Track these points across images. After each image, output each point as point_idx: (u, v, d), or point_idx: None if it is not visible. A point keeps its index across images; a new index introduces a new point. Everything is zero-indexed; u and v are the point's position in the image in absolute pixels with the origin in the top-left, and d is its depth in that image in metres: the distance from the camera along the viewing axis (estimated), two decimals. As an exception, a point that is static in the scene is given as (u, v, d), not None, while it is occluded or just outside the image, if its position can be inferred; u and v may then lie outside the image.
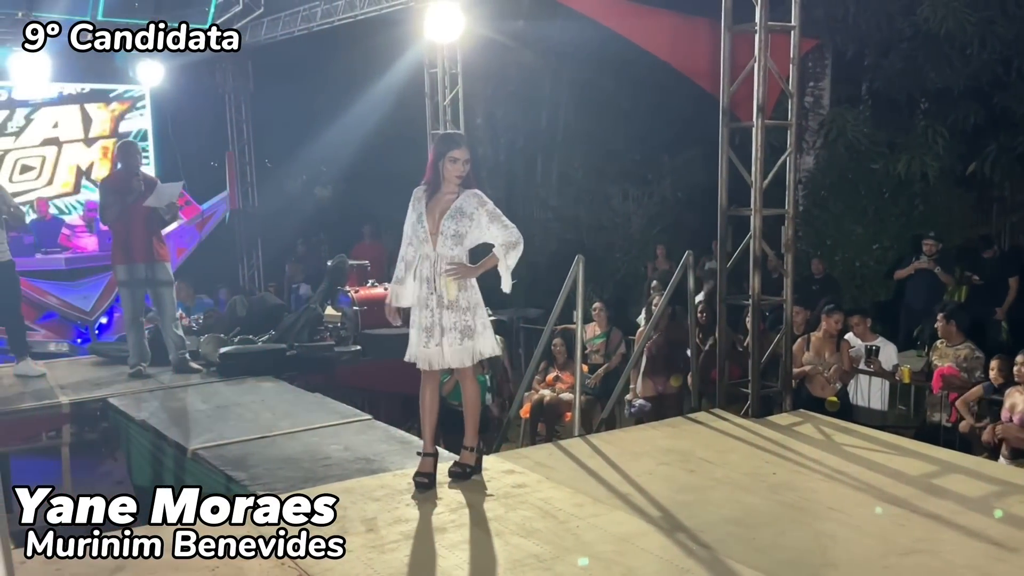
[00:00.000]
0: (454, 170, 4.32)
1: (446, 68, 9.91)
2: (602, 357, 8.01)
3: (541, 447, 5.48)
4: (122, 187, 6.86)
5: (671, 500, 4.20)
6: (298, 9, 10.57)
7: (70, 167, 12.15)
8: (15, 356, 7.06)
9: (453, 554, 3.62)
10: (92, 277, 10.05)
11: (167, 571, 3.47)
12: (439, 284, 4.29)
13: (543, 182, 13.63)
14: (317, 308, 8.39)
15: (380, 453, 5.17)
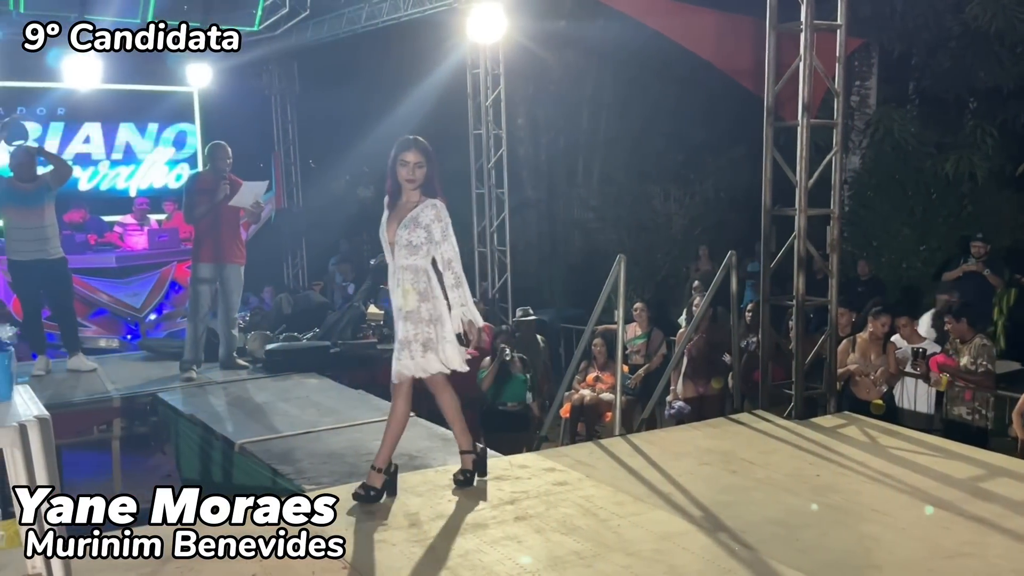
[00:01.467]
0: (404, 173, 4.16)
1: (488, 69, 9.97)
2: (643, 358, 8.00)
3: (582, 446, 5.50)
4: (210, 187, 6.94)
5: (713, 500, 4.19)
6: (343, 11, 10.69)
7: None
8: (67, 351, 7.23)
9: (495, 549, 3.65)
10: (142, 275, 10.26)
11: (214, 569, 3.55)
12: (399, 294, 4.17)
13: (584, 182, 13.63)
14: (360, 306, 8.50)
15: (422, 449, 5.22)
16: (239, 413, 6.10)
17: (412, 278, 4.14)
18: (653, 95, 12.53)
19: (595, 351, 7.88)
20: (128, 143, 12.64)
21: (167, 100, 12.75)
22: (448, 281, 4.17)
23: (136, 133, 12.70)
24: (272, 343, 7.73)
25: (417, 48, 12.35)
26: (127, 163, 12.63)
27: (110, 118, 12.40)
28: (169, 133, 12.94)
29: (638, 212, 12.65)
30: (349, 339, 8.10)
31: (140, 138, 12.73)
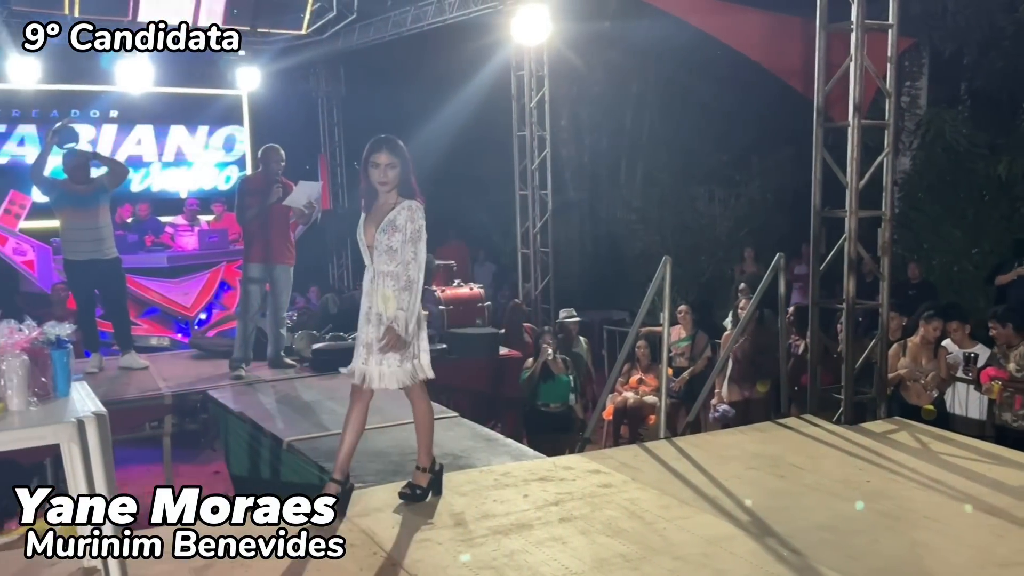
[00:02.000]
0: (376, 175, 4.01)
1: (532, 70, 9.98)
2: (687, 360, 7.95)
3: (626, 448, 5.48)
4: (262, 189, 7.03)
5: (760, 505, 4.15)
6: (389, 15, 10.78)
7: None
8: (120, 349, 7.37)
9: (540, 550, 3.66)
10: (192, 275, 10.45)
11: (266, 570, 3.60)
12: (377, 300, 4.04)
13: (627, 183, 13.59)
14: (404, 307, 8.52)
15: (466, 449, 5.24)
16: (287, 411, 6.16)
17: (393, 284, 4.00)
18: (698, 96, 12.48)
19: (638, 353, 7.86)
20: (179, 145, 12.89)
21: (217, 103, 12.97)
22: (400, 283, 4.00)
23: (187, 135, 12.94)
24: (318, 342, 7.80)
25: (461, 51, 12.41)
26: (178, 165, 12.88)
27: (161, 121, 12.65)
28: (219, 136, 13.17)
29: (682, 213, 12.58)
30: (394, 339, 8.14)
31: (190, 140, 12.97)
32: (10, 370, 2.94)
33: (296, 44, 11.69)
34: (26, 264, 10.15)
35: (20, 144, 11.99)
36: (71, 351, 3.15)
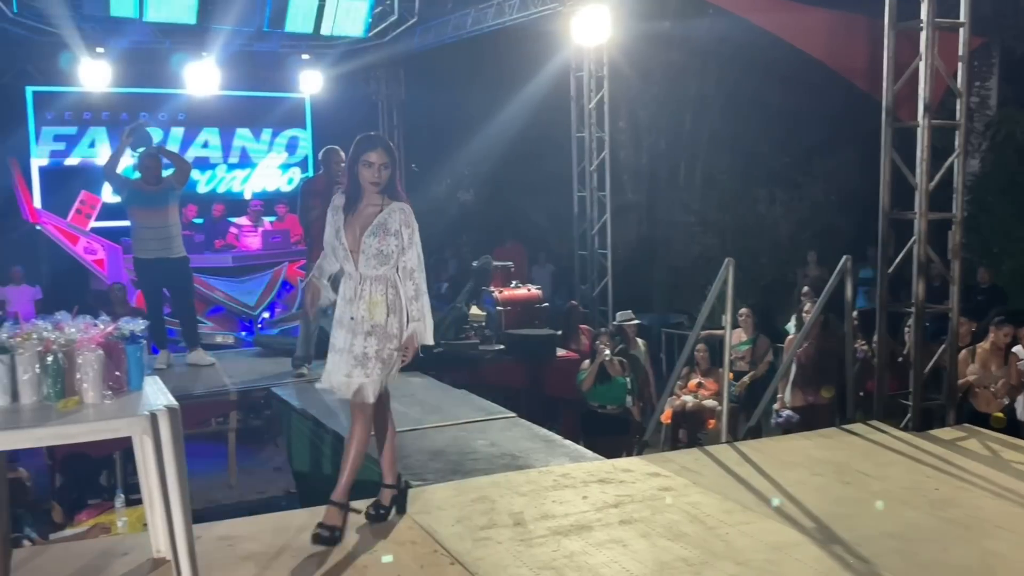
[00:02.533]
0: (368, 175, 3.78)
1: (592, 71, 9.96)
2: (747, 364, 7.85)
3: (687, 452, 5.43)
4: (323, 191, 7.13)
5: (826, 511, 4.07)
6: (449, 17, 10.85)
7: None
8: (187, 346, 7.53)
9: (600, 552, 3.65)
10: (256, 274, 10.65)
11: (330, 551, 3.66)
12: (361, 307, 3.79)
13: (686, 185, 13.47)
14: (463, 307, 8.59)
15: (525, 450, 5.24)
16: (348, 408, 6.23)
17: (382, 289, 3.78)
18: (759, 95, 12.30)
19: (698, 356, 7.77)
20: (243, 147, 13.16)
21: (280, 106, 13.21)
22: (408, 292, 3.83)
23: (251, 138, 13.22)
24: (378, 342, 7.88)
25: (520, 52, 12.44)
26: (242, 167, 13.14)
27: (227, 123, 12.94)
28: (282, 138, 13.42)
29: (742, 216, 12.43)
30: (452, 339, 8.20)
31: (255, 143, 13.24)
32: (86, 364, 3.02)
33: (358, 48, 11.83)
34: (96, 263, 10.45)
35: (91, 146, 12.36)
36: (144, 346, 3.23)
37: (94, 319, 3.18)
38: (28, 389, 3.01)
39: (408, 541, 3.79)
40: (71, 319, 3.12)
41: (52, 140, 12.24)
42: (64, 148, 12.30)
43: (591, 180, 10.22)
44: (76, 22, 10.09)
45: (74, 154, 12.32)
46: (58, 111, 12.19)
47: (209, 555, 3.51)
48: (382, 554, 3.65)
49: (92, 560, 3.63)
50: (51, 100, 12.10)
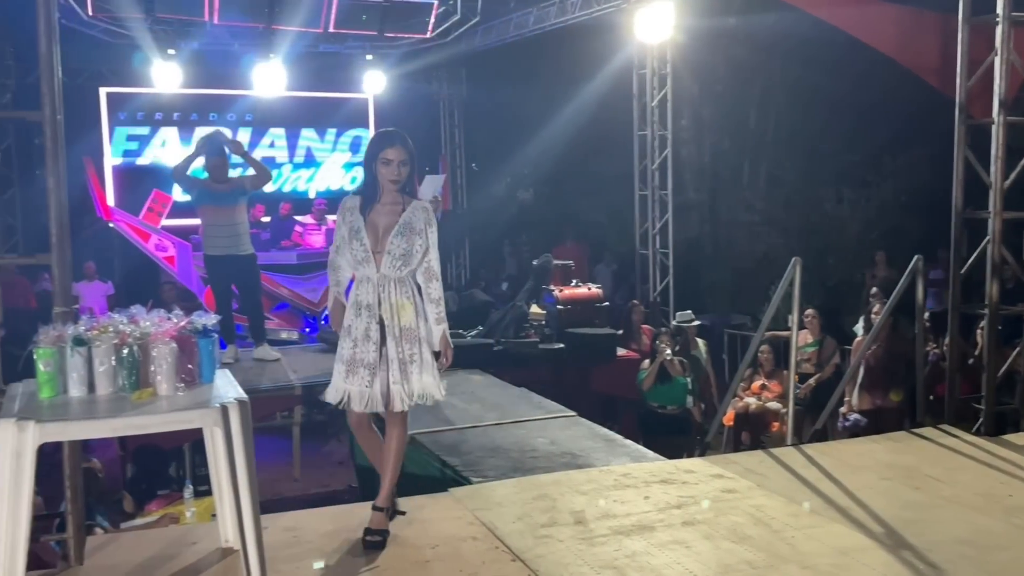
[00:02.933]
0: (388, 173, 3.62)
1: (655, 69, 9.89)
2: (813, 366, 7.71)
3: (752, 454, 5.35)
4: None
5: (895, 516, 3.98)
6: (511, 16, 10.87)
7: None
8: (254, 342, 7.68)
9: (663, 553, 3.62)
10: (320, 272, 10.79)
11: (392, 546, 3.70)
12: (386, 310, 3.62)
13: (750, 184, 13.28)
14: (523, 306, 8.61)
15: (585, 449, 5.23)
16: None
17: (407, 292, 3.65)
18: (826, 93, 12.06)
19: (762, 358, 7.67)
20: (308, 147, 13.39)
21: (344, 106, 13.40)
22: (434, 293, 3.71)
23: (316, 138, 13.43)
24: (439, 339, 7.93)
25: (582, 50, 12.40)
26: (307, 166, 13.37)
27: (293, 124, 13.17)
28: (346, 138, 13.61)
29: (808, 215, 12.22)
30: (512, 338, 8.23)
31: (319, 142, 13.45)
32: (160, 357, 3.10)
33: (420, 47, 11.94)
34: (167, 260, 10.71)
35: (162, 146, 12.70)
36: (216, 340, 3.30)
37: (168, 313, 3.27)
38: (104, 380, 3.09)
39: (469, 537, 3.81)
40: (146, 313, 3.20)
41: (125, 140, 12.62)
42: (136, 148, 12.67)
43: (652, 179, 10.14)
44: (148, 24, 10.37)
45: (146, 153, 12.68)
46: (130, 111, 12.56)
47: (275, 545, 3.58)
48: (443, 548, 3.68)
49: (162, 549, 3.72)
50: (124, 101, 12.48)
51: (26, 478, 2.82)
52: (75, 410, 3.00)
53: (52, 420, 2.88)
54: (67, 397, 3.07)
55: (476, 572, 3.47)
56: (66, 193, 3.49)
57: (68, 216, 3.49)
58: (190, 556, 3.62)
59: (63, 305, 3.43)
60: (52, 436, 2.94)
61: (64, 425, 2.93)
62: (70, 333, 3.08)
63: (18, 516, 2.83)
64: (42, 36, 3.38)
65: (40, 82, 3.40)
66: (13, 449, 2.79)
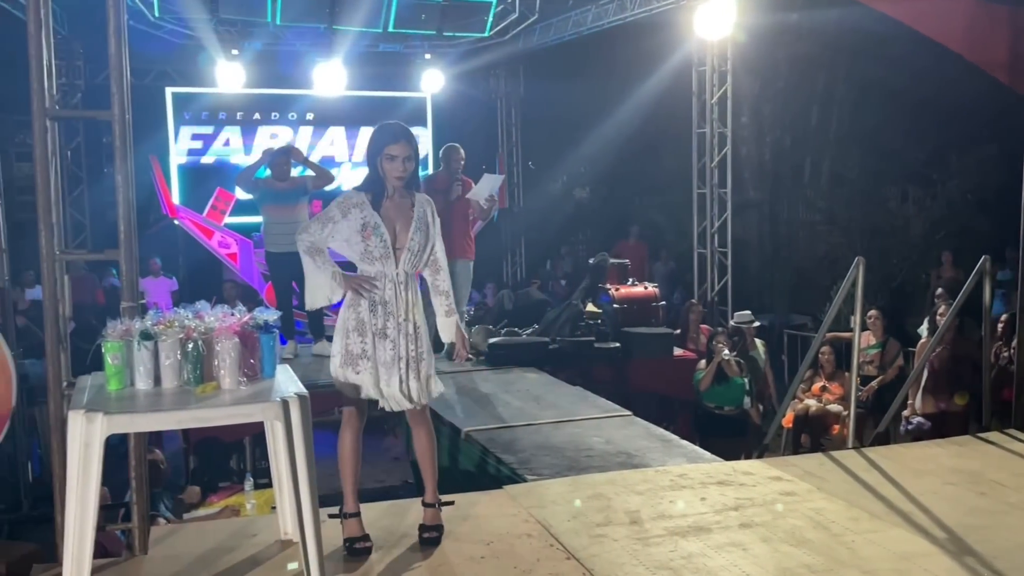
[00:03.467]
0: (393, 170, 3.53)
1: (715, 65, 9.79)
2: (876, 368, 7.56)
3: (811, 456, 5.26)
4: (443, 187, 7.29)
5: (958, 522, 3.88)
6: (570, 14, 10.86)
7: (359, 168, 13.37)
8: (313, 338, 7.79)
9: (720, 555, 3.58)
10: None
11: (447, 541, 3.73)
12: (403, 308, 3.55)
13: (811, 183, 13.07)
14: (579, 304, 8.59)
15: (641, 449, 5.19)
16: (466, 402, 6.33)
17: (415, 287, 3.65)
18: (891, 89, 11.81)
19: (823, 359, 7.53)
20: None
21: (403, 105, 13.51)
22: (442, 285, 3.74)
23: (375, 136, 13.54)
24: (494, 337, 7.97)
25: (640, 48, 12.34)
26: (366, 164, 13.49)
27: (352, 122, 13.33)
28: (404, 136, 13.69)
29: (872, 214, 11.98)
30: (567, 336, 8.21)
31: (378, 141, 13.57)
32: (223, 351, 3.16)
33: (479, 46, 11.99)
34: (230, 256, 10.94)
35: (225, 145, 12.97)
36: (277, 335, 3.36)
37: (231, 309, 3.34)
38: (170, 374, 3.17)
39: (524, 534, 3.82)
40: (210, 308, 3.27)
41: (190, 139, 12.91)
42: (201, 147, 12.96)
43: (711, 177, 10.04)
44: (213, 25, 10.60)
45: (210, 152, 12.96)
46: (195, 111, 12.85)
47: (333, 539, 3.63)
48: (497, 545, 3.69)
49: (223, 540, 3.80)
50: (189, 100, 12.77)
51: (94, 468, 2.90)
52: (142, 402, 3.07)
53: (120, 412, 2.96)
54: (134, 390, 3.15)
55: (530, 569, 3.47)
56: (134, 191, 3.58)
57: (135, 213, 3.58)
58: (250, 548, 3.69)
59: (130, 300, 3.53)
60: (119, 428, 3.02)
61: (131, 417, 3.01)
62: (137, 328, 3.16)
63: (86, 505, 2.92)
64: (111, 37, 3.47)
65: (109, 82, 3.48)
66: (82, 440, 2.87)
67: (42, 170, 3.39)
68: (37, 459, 7.65)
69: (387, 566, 3.55)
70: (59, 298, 3.50)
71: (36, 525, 6.05)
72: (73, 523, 2.93)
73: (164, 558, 3.61)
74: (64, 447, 2.99)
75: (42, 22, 3.41)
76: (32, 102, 3.33)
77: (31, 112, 3.34)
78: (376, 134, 3.65)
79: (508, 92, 14.53)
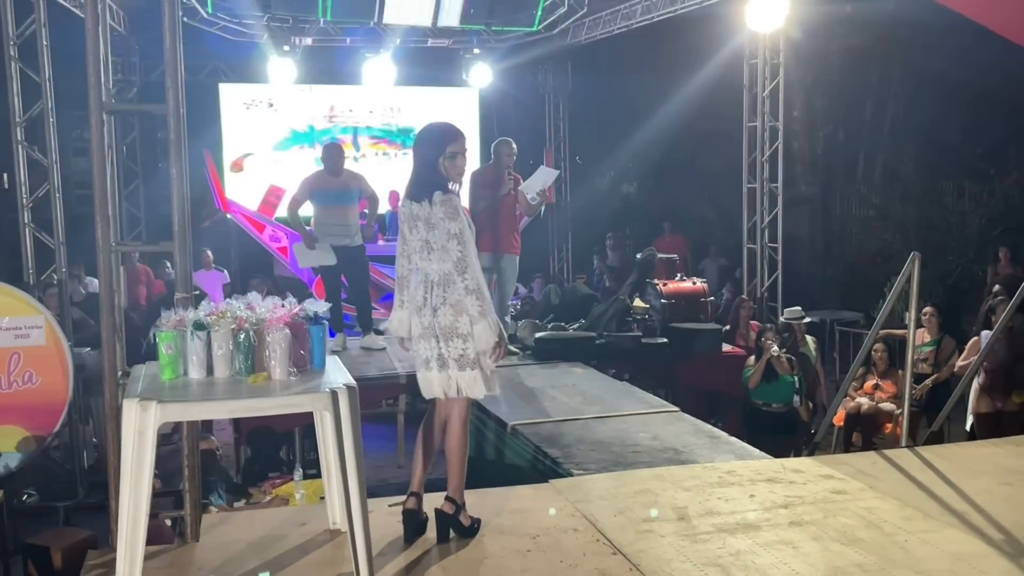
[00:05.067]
0: (455, 168, 3.62)
1: (767, 58, 9.65)
2: (930, 367, 7.40)
3: (863, 455, 5.17)
4: (493, 181, 7.30)
5: (1015, 523, 3.78)
6: (619, 8, 10.78)
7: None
8: (362, 331, 7.86)
9: (769, 552, 3.54)
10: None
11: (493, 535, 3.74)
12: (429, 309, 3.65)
13: (865, 178, 12.84)
14: (626, 299, 8.54)
15: (689, 445, 5.15)
16: (511, 396, 6.32)
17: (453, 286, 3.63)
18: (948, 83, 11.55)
19: (875, 357, 7.40)
20: (416, 140, 13.58)
21: (451, 99, 13.54)
22: (470, 284, 3.60)
23: (423, 131, 13.61)
24: (540, 331, 7.97)
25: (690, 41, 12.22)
26: (415, 159, 13.56)
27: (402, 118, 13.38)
28: (451, 131, 13.73)
29: (927, 210, 11.74)
30: (614, 331, 8.18)
31: (427, 136, 13.62)
32: (274, 342, 3.20)
33: (527, 41, 11.98)
34: (280, 250, 11.07)
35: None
36: (326, 327, 3.39)
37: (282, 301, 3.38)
38: (222, 364, 3.22)
39: (570, 528, 3.81)
40: (261, 300, 3.32)
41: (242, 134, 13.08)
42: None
43: (762, 171, 9.90)
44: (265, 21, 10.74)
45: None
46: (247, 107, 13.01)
47: (381, 528, 3.65)
48: (544, 539, 3.69)
49: (273, 528, 3.85)
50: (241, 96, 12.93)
51: (147, 455, 2.96)
52: (194, 392, 3.13)
53: (173, 401, 3.02)
54: (187, 379, 3.21)
55: (577, 564, 3.47)
56: (188, 184, 3.64)
57: (190, 206, 3.64)
58: (299, 536, 3.74)
59: (184, 291, 3.59)
60: (173, 416, 3.08)
61: (184, 406, 3.07)
62: (190, 318, 3.21)
63: (139, 491, 2.98)
64: (166, 33, 3.53)
65: (164, 77, 3.55)
66: (136, 427, 2.93)
67: (99, 163, 3.46)
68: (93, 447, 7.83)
69: (432, 556, 3.56)
70: (115, 289, 3.57)
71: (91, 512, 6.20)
72: (127, 510, 2.99)
73: (215, 545, 3.68)
74: (119, 435, 3.05)
75: (99, 18, 3.49)
76: (89, 96, 3.41)
77: (88, 107, 3.41)
78: (435, 132, 3.67)
79: (556, 87, 14.48)
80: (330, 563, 3.49)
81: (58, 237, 7.92)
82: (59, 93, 7.85)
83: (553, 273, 14.36)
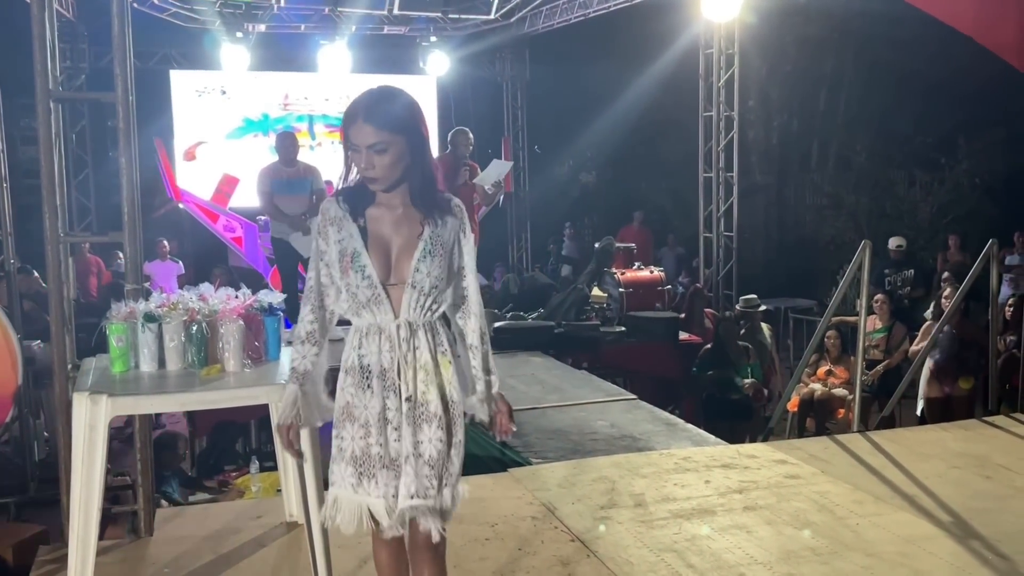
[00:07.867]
0: (357, 166, 2.36)
1: (722, 48, 9.72)
2: (881, 353, 7.54)
3: (816, 440, 5.26)
4: (450, 171, 7.25)
5: (963, 506, 3.88)
6: (576, -4, 10.80)
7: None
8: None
9: (723, 537, 3.58)
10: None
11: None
12: (410, 377, 2.39)
13: (818, 167, 13.02)
14: (584, 289, 8.59)
15: (646, 432, 5.20)
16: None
17: (443, 344, 2.46)
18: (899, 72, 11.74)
19: (828, 344, 7.52)
20: (371, 129, 13.46)
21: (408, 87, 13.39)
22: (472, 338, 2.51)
23: (378, 119, 13.50)
24: (499, 321, 7.97)
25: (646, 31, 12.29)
26: (370, 147, 13.45)
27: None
28: (408, 119, 13.65)
29: (879, 198, 11.95)
30: (572, 320, 8.21)
31: (382, 124, 13.52)
32: (228, 334, 3.16)
33: (484, 29, 11.93)
34: (235, 240, 10.93)
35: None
36: (282, 318, 3.36)
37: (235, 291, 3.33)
38: (174, 356, 3.16)
39: (528, 516, 3.83)
40: (215, 291, 3.27)
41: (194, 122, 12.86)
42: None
43: (718, 161, 9.99)
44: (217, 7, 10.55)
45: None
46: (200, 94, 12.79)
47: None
48: (502, 527, 3.70)
49: (228, 522, 3.81)
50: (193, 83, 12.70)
51: (99, 450, 2.91)
52: (146, 385, 3.08)
53: (124, 394, 2.97)
54: (138, 372, 3.15)
55: (535, 551, 3.48)
56: (138, 173, 3.57)
57: (140, 196, 3.57)
58: (256, 529, 3.71)
59: (134, 282, 3.52)
60: (124, 409, 3.02)
61: (135, 399, 3.02)
62: (141, 310, 3.16)
63: (91, 486, 2.93)
64: (115, 19, 3.45)
65: (113, 64, 3.47)
66: (86, 421, 2.88)
67: (46, 152, 3.38)
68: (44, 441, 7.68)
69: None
70: (63, 280, 3.49)
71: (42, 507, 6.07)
72: (79, 503, 2.94)
73: (169, 540, 3.63)
74: (69, 429, 3.00)
75: (46, 3, 3.40)
76: (36, 83, 3.32)
77: (35, 95, 3.32)
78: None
79: (514, 75, 14.45)
80: (287, 556, 3.46)
81: (5, 228, 7.70)
82: (5, 80, 7.64)
83: (512, 263, 14.36)
